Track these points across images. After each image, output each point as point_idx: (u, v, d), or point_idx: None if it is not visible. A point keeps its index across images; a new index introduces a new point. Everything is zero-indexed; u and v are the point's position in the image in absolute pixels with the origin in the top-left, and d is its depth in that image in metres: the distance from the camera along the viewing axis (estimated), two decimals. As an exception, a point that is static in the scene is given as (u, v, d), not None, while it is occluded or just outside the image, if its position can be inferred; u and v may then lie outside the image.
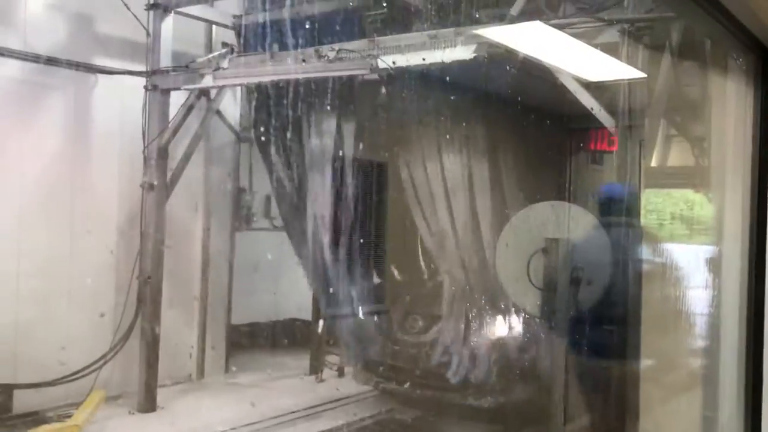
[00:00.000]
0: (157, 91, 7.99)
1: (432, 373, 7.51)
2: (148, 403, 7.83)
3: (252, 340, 10.15)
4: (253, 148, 9.45)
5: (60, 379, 7.36)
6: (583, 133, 8.71)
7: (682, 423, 3.40)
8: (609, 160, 8.48)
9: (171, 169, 8.17)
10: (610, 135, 6.78)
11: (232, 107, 9.44)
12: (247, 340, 10.06)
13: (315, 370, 9.24)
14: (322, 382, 9.08)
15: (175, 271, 8.50)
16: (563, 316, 5.49)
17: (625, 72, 5.84)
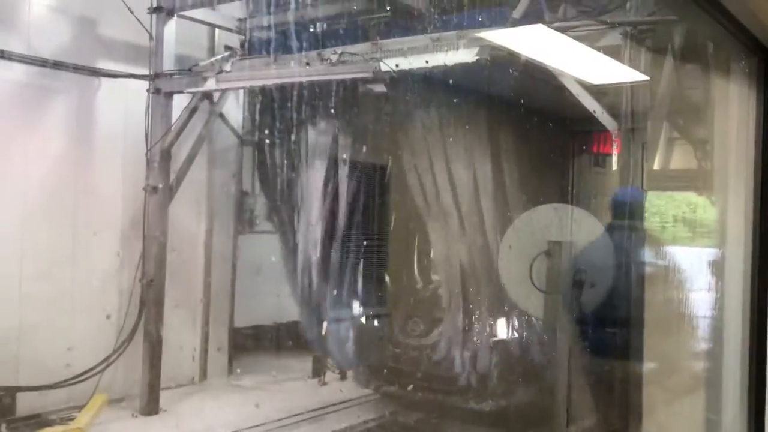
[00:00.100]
0: (160, 95, 8.00)
1: (433, 375, 7.50)
2: (150, 405, 7.83)
3: (255, 343, 10.15)
4: (256, 151, 9.47)
5: (63, 381, 7.37)
6: (586, 136, 8.71)
7: (686, 425, 3.40)
8: (611, 163, 8.48)
9: (174, 172, 8.18)
10: (612, 138, 6.77)
11: (235, 110, 9.45)
12: (250, 343, 10.06)
13: (318, 373, 9.23)
14: (324, 385, 9.08)
15: (178, 273, 8.50)
16: (568, 318, 5.49)
17: (627, 75, 5.84)
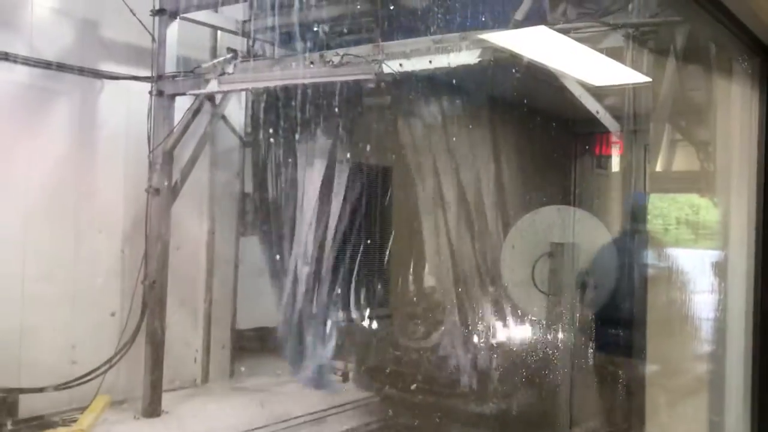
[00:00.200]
0: (162, 96, 8.00)
1: (433, 378, 7.49)
2: (152, 407, 7.82)
3: (257, 345, 10.14)
4: (258, 153, 9.49)
5: (65, 383, 7.36)
6: (588, 137, 8.71)
7: (689, 427, 3.39)
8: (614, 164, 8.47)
9: (176, 174, 8.18)
10: (615, 139, 6.77)
11: (237, 112, 9.45)
12: (253, 345, 10.05)
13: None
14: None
15: (180, 275, 8.50)
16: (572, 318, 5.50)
17: (629, 76, 5.84)
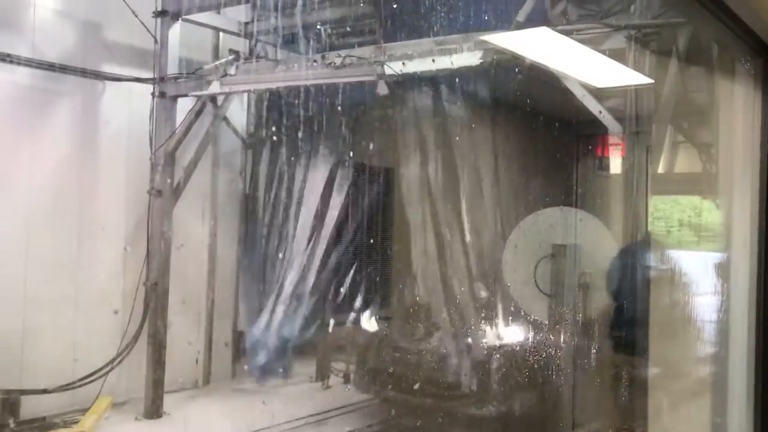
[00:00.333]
0: (164, 98, 8.01)
1: (433, 380, 7.45)
2: (154, 409, 7.82)
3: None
4: (260, 154, 9.50)
5: (66, 385, 7.36)
6: (590, 139, 8.70)
7: (691, 428, 3.38)
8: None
9: (178, 175, 8.18)
10: (617, 141, 6.76)
11: (239, 113, 9.45)
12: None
13: (322, 377, 9.22)
14: (328, 388, 9.06)
15: (182, 276, 8.49)
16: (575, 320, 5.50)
17: (632, 78, 5.83)
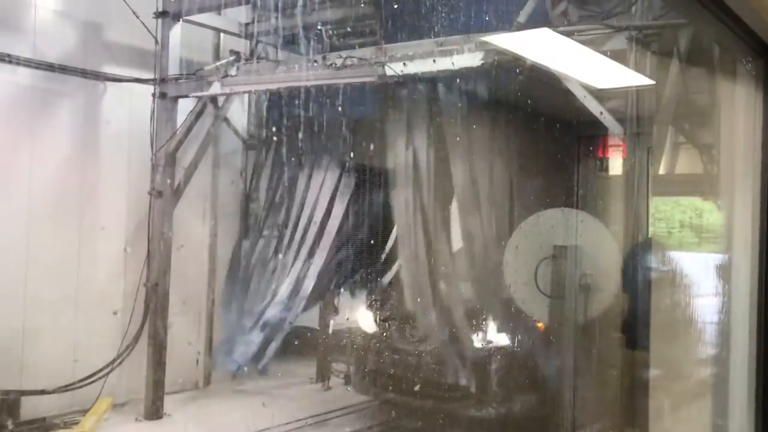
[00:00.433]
0: (165, 99, 8.01)
1: (433, 382, 7.42)
2: (154, 410, 7.82)
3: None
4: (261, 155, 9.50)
5: (66, 385, 7.36)
6: (591, 140, 8.67)
7: (692, 430, 3.37)
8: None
9: (179, 176, 8.18)
10: (617, 142, 6.75)
11: (240, 114, 9.45)
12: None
13: (322, 378, 9.22)
14: (329, 389, 9.05)
15: (182, 277, 8.49)
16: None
17: (633, 79, 5.82)
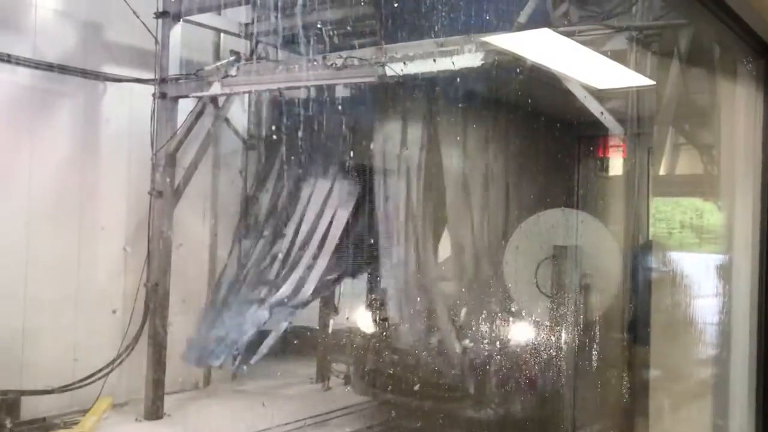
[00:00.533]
0: (165, 99, 8.00)
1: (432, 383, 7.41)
2: (154, 410, 7.82)
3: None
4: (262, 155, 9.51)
5: (66, 385, 7.36)
6: (591, 140, 8.67)
7: (693, 430, 3.37)
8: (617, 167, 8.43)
9: (179, 176, 8.18)
10: (617, 143, 6.74)
11: (240, 114, 9.45)
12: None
13: (322, 378, 9.22)
14: (329, 390, 9.05)
15: (182, 276, 8.48)
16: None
17: (633, 79, 5.82)
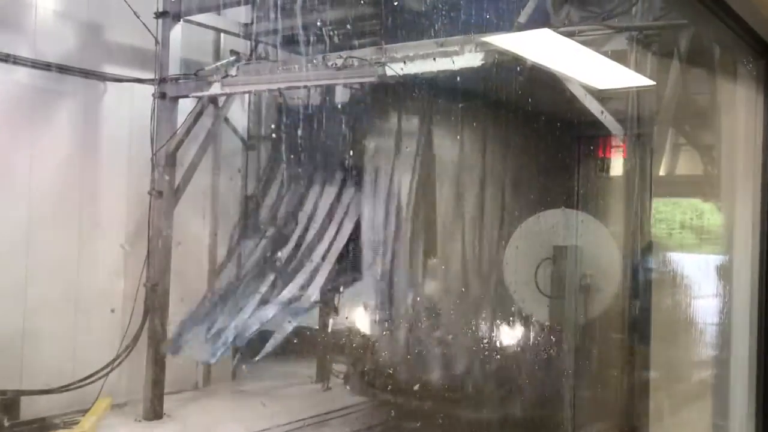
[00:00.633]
0: (165, 99, 8.00)
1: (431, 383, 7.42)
2: (154, 410, 7.81)
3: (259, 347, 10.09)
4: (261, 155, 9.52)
5: (66, 385, 7.35)
6: (592, 140, 8.66)
7: (693, 430, 3.37)
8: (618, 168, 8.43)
9: (181, 174, 8.18)
10: (618, 143, 6.74)
11: (240, 114, 9.45)
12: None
13: (322, 378, 9.21)
14: (328, 390, 9.05)
15: (182, 276, 8.48)
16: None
17: (633, 79, 5.81)
